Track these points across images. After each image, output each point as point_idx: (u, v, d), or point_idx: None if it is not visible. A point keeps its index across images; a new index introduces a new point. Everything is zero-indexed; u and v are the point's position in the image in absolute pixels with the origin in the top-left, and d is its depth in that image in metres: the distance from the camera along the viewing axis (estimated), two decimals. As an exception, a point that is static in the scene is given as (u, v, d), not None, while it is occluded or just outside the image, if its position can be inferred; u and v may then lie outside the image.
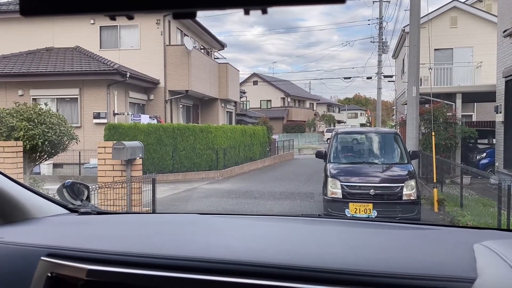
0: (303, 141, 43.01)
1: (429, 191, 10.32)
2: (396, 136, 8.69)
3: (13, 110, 8.68)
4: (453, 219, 7.95)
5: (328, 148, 8.65)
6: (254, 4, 0.53)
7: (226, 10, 0.56)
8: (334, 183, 7.41)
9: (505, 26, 11.77)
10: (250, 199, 10.71)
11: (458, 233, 1.40)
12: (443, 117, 13.75)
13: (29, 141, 8.23)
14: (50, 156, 9.07)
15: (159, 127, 15.24)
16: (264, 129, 23.45)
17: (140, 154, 7.08)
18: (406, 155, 8.19)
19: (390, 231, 1.43)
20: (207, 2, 0.53)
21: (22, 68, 16.24)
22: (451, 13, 19.89)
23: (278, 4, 0.53)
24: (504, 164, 11.94)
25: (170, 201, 10.39)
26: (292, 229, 1.46)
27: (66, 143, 9.02)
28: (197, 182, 14.20)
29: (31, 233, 1.38)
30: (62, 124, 8.88)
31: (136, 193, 7.00)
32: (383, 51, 29.11)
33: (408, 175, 7.49)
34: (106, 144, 7.07)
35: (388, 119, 54.46)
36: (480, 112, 21.03)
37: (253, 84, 50.46)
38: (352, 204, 7.13)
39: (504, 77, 12.06)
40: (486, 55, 17.66)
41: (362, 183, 7.38)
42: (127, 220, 1.66)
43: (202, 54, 21.12)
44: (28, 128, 8.27)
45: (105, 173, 6.96)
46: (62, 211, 1.69)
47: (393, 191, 7.27)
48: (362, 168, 7.88)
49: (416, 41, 11.82)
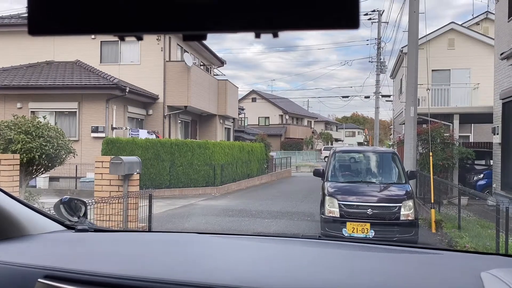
0: (301, 159, 43.01)
1: (426, 212, 10.28)
2: (394, 156, 8.70)
3: (12, 123, 8.67)
4: (451, 240, 7.91)
5: (326, 167, 8.64)
6: (266, 28, 0.52)
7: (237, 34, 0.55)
8: (331, 201, 7.38)
9: (502, 49, 11.90)
10: (247, 217, 10.65)
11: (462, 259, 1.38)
12: (441, 137, 13.79)
13: (26, 154, 8.19)
14: (46, 169, 9.03)
15: (157, 142, 15.23)
16: (262, 146, 23.46)
17: (138, 169, 7.05)
18: (404, 175, 8.19)
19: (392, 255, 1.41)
20: (218, 25, 0.53)
21: (22, 81, 16.27)
22: (448, 35, 20.13)
23: (289, 29, 0.52)
24: (501, 186, 11.94)
25: (166, 217, 10.31)
26: (293, 252, 1.44)
27: (63, 157, 8.99)
28: (193, 198, 14.13)
29: (28, 251, 1.36)
30: (60, 138, 8.87)
31: (133, 208, 6.95)
32: (381, 71, 29.35)
33: (406, 195, 7.48)
34: (104, 158, 7.05)
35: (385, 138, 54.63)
36: (477, 133, 21.13)
37: (251, 101, 50.67)
38: (349, 224, 7.09)
39: (501, 99, 12.15)
40: (483, 76, 17.82)
41: (360, 202, 7.35)
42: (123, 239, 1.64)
43: (201, 71, 21.25)
44: (25, 141, 8.24)
45: (101, 188, 6.92)
46: (59, 228, 1.67)
47: (391, 211, 7.25)
48: (360, 187, 7.86)
49: (414, 62, 11.92)
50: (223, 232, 1.72)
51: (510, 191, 11.17)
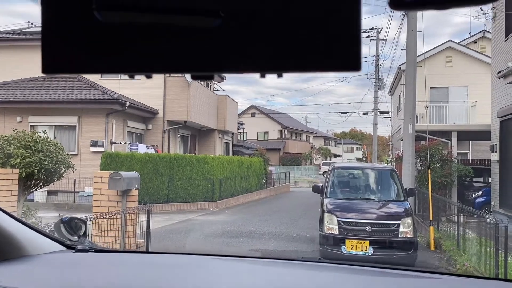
0: (300, 174, 42.96)
1: (425, 229, 10.26)
2: (393, 173, 8.72)
3: (11, 137, 8.68)
4: (449, 258, 7.89)
5: (324, 183, 8.65)
6: (271, 70, 0.55)
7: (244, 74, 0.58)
8: (330, 218, 7.37)
9: (499, 68, 12.01)
10: (246, 233, 10.60)
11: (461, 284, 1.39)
12: (439, 154, 13.83)
13: (25, 169, 8.18)
14: (45, 184, 9.01)
15: (156, 157, 15.23)
16: (260, 161, 23.45)
17: (137, 185, 7.05)
18: (402, 192, 8.20)
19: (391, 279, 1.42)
20: (226, 67, 0.55)
21: (22, 95, 16.34)
22: (446, 53, 20.32)
23: (293, 71, 0.55)
24: (500, 204, 11.94)
25: (164, 233, 10.27)
26: (293, 277, 1.45)
27: (62, 172, 8.98)
28: (192, 214, 14.07)
29: (28, 274, 1.35)
30: (60, 152, 8.86)
31: (131, 224, 6.92)
32: (379, 88, 29.52)
33: (405, 212, 7.48)
34: (103, 174, 7.05)
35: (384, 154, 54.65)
36: (475, 150, 21.19)
37: (251, 116, 50.81)
38: (348, 241, 7.08)
39: (499, 117, 12.22)
40: (481, 94, 17.94)
41: (359, 219, 7.34)
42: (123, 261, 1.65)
43: (201, 86, 21.36)
44: (25, 155, 8.24)
45: (100, 203, 6.90)
46: (59, 248, 1.67)
47: (389, 229, 7.24)
48: (359, 204, 7.86)
49: (412, 80, 12.02)
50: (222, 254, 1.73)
51: (508, 209, 11.16)
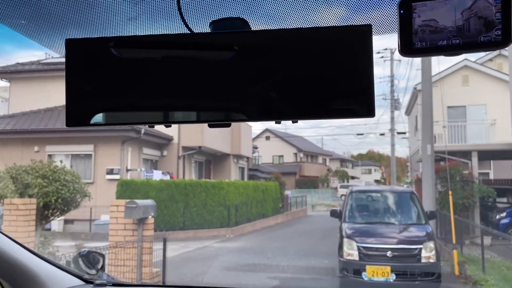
0: (317, 197, 42.47)
1: (448, 253, 9.94)
2: (413, 196, 8.52)
3: (29, 167, 8.77)
4: (475, 283, 7.59)
5: (343, 207, 8.49)
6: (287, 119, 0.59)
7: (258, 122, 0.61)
8: (350, 244, 7.19)
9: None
10: (263, 261, 10.41)
11: None
12: (460, 175, 13.53)
13: (43, 198, 8.23)
14: (62, 213, 9.03)
15: (171, 183, 15.22)
16: (276, 185, 23.27)
17: (153, 212, 7.00)
18: (423, 215, 7.98)
19: None
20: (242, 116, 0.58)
21: (40, 125, 16.62)
22: (462, 72, 20.12)
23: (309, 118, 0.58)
24: (525, 225, 11.55)
25: (180, 261, 10.15)
26: None
27: (79, 201, 9.00)
28: (208, 241, 13.93)
29: None
30: (76, 181, 8.91)
31: (147, 253, 6.85)
32: (396, 108, 29.35)
33: (427, 236, 7.27)
34: (119, 202, 7.02)
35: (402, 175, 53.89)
36: (497, 169, 20.68)
37: (265, 139, 50.84)
38: (369, 267, 6.87)
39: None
40: (500, 112, 17.61)
41: (379, 244, 7.15)
42: None
43: (216, 111, 21.47)
44: (42, 185, 8.30)
45: (116, 232, 6.86)
46: (77, 282, 1.68)
47: (411, 253, 7.02)
48: (379, 228, 7.67)
49: (429, 100, 11.88)
50: (239, 287, 1.66)
51: (535, 230, 10.78)
